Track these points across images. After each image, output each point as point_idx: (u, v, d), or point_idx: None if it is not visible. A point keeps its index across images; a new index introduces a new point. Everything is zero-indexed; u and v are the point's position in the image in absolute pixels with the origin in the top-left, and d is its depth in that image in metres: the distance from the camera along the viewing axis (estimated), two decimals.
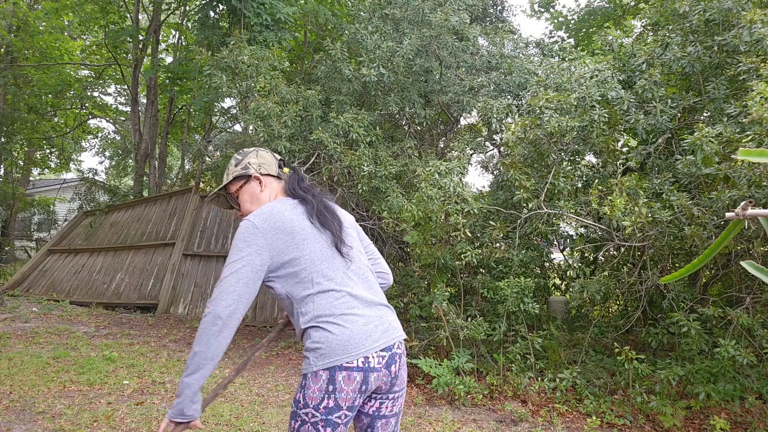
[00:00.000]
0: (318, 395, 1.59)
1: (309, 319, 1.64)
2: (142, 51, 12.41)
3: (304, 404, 1.61)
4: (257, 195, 1.87)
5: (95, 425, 3.70)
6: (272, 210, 1.72)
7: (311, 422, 1.59)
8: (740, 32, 4.29)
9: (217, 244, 9.03)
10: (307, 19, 9.55)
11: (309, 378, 1.60)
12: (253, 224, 1.67)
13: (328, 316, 1.62)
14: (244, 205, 1.88)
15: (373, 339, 1.64)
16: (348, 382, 1.59)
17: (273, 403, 4.35)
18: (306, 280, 1.66)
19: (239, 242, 1.66)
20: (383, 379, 1.67)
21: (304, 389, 1.61)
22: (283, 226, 1.68)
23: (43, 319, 7.31)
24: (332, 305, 1.64)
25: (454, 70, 6.41)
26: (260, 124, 5.65)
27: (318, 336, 1.61)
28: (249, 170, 1.88)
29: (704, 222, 3.93)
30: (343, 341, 1.60)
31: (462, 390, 4.33)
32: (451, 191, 4.72)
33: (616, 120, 4.88)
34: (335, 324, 1.62)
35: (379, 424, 1.74)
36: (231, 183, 1.91)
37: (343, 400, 1.59)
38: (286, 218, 1.70)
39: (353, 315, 1.65)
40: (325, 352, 1.59)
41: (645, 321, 5.04)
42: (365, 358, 1.61)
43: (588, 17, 11.33)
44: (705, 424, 3.88)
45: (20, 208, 14.44)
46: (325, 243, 1.72)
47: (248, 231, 1.66)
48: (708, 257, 1.01)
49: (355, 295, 1.69)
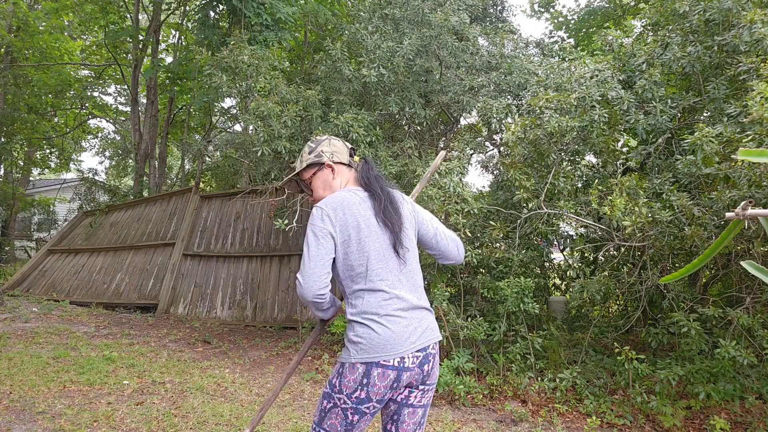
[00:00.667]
0: (352, 385, 1.71)
1: (356, 313, 1.76)
2: (142, 51, 12.41)
3: (339, 390, 1.73)
4: (329, 182, 1.97)
5: (95, 425, 3.70)
6: (343, 200, 1.82)
7: (342, 407, 1.73)
8: (740, 32, 4.29)
9: (217, 244, 9.03)
10: (307, 19, 9.55)
11: (346, 367, 1.73)
12: (324, 212, 1.80)
13: (374, 315, 1.74)
14: (317, 191, 1.99)
15: (411, 341, 1.75)
16: (382, 378, 1.70)
17: (273, 403, 4.35)
18: (361, 276, 1.77)
19: (314, 227, 1.79)
20: (415, 377, 1.78)
21: (341, 377, 1.74)
22: (351, 220, 1.79)
23: (43, 319, 7.31)
24: (380, 305, 1.75)
25: (454, 70, 6.41)
26: (260, 124, 5.65)
27: (362, 331, 1.73)
28: (322, 158, 1.98)
29: (704, 222, 3.93)
30: (384, 341, 1.71)
31: (462, 390, 4.33)
32: (451, 191, 4.72)
33: (616, 120, 4.88)
34: (379, 323, 1.73)
35: (405, 412, 1.84)
36: (305, 170, 2.00)
37: (374, 394, 1.71)
38: (355, 212, 1.81)
39: (397, 317, 1.75)
40: (366, 347, 1.71)
41: (645, 321, 5.04)
42: (401, 358, 1.72)
43: (588, 17, 11.33)
44: (705, 424, 3.88)
45: (20, 208, 14.44)
46: (385, 242, 1.82)
47: (320, 218, 1.79)
48: (708, 257, 1.01)
49: (402, 297, 1.79)
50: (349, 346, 1.75)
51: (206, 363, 5.51)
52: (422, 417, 1.87)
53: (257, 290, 8.26)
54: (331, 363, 5.43)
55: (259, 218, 9.04)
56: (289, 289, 8.10)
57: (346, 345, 1.77)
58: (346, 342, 1.77)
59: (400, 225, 1.86)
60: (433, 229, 2.02)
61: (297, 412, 4.16)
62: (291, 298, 8.00)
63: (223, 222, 9.31)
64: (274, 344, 6.50)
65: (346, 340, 1.78)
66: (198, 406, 4.16)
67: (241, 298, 8.25)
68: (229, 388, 4.70)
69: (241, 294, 8.31)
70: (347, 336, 1.78)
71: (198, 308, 8.32)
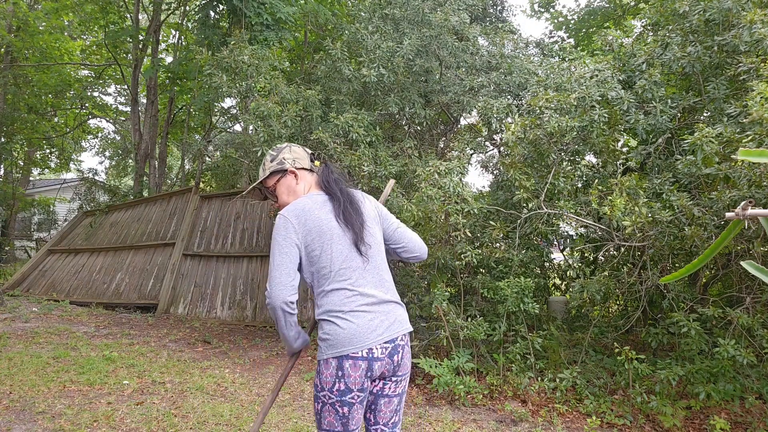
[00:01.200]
0: (330, 380, 1.80)
1: (322, 312, 1.85)
2: (142, 51, 12.41)
3: (321, 388, 1.83)
4: (293, 187, 2.04)
5: (95, 425, 3.70)
6: (303, 207, 1.89)
7: (329, 403, 1.82)
8: (740, 32, 4.29)
9: (217, 244, 9.03)
10: (307, 19, 9.55)
11: (322, 364, 1.83)
12: (287, 220, 1.86)
13: (338, 312, 1.82)
14: (281, 197, 2.05)
15: (378, 333, 1.84)
16: (354, 368, 1.80)
17: (273, 403, 4.35)
18: (326, 277, 1.85)
19: (278, 236, 1.85)
20: (386, 366, 1.87)
21: (320, 374, 1.84)
22: (313, 225, 1.86)
23: (43, 319, 7.31)
24: (343, 302, 1.83)
25: (454, 70, 6.41)
26: (260, 124, 5.65)
27: (328, 328, 1.83)
28: (285, 165, 2.05)
29: (704, 222, 3.92)
30: (349, 335, 1.80)
31: (462, 390, 4.33)
32: (451, 191, 4.72)
33: (616, 120, 4.88)
34: (343, 319, 1.81)
35: (381, 402, 1.95)
36: (268, 177, 2.07)
37: (352, 384, 1.80)
38: (316, 216, 1.88)
39: (361, 312, 1.83)
40: (333, 343, 1.80)
41: (645, 321, 5.04)
42: (369, 349, 1.81)
43: (588, 17, 11.33)
44: (705, 424, 3.88)
45: (20, 208, 14.44)
46: (347, 242, 1.89)
47: (283, 227, 1.86)
48: (708, 257, 1.01)
49: (367, 293, 1.87)
50: (320, 343, 1.84)
51: (206, 363, 5.51)
52: (398, 404, 1.99)
53: (257, 290, 8.26)
54: None
55: (259, 218, 9.04)
56: None
57: (318, 343, 1.85)
58: (318, 341, 1.86)
59: (362, 223, 1.93)
60: (395, 224, 2.11)
61: (297, 412, 4.16)
62: None
63: (223, 222, 9.31)
64: (274, 344, 6.50)
65: (318, 339, 1.86)
66: (198, 406, 4.16)
67: (241, 298, 8.25)
68: (229, 388, 4.70)
69: (241, 294, 8.31)
70: (318, 335, 1.86)
71: (198, 308, 8.32)
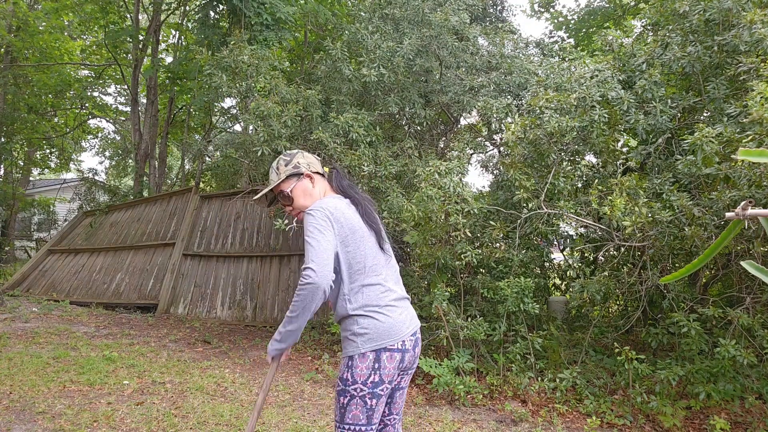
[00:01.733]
0: (365, 372, 1.88)
1: (357, 307, 1.92)
2: (142, 51, 12.40)
3: (352, 381, 1.88)
4: (309, 190, 2.10)
5: (95, 425, 3.70)
6: (336, 205, 1.96)
7: (359, 396, 1.88)
8: (740, 32, 4.29)
9: (217, 244, 9.03)
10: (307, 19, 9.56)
11: (356, 358, 1.88)
12: (323, 213, 1.89)
13: (375, 307, 1.92)
14: (297, 200, 2.10)
15: (406, 326, 1.97)
16: (390, 360, 1.90)
17: (273, 403, 4.35)
18: (359, 272, 1.93)
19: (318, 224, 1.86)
20: (410, 358, 1.99)
21: (352, 368, 1.89)
22: (347, 223, 1.93)
23: (43, 319, 7.31)
24: (378, 297, 1.94)
25: (454, 70, 6.41)
26: (260, 124, 5.65)
27: (366, 323, 1.90)
28: (300, 169, 2.11)
29: (704, 222, 3.93)
30: (387, 328, 1.91)
31: (462, 390, 4.33)
32: (451, 191, 4.72)
33: (616, 120, 4.88)
34: (381, 314, 1.92)
35: (397, 394, 2.08)
36: (284, 181, 2.11)
37: (386, 376, 1.90)
38: (348, 216, 1.96)
39: (393, 307, 1.96)
40: (373, 336, 1.89)
41: (645, 321, 5.04)
42: (402, 341, 1.93)
43: (588, 17, 11.33)
44: (705, 424, 3.88)
45: (20, 208, 14.44)
46: (373, 241, 2.01)
47: (323, 217, 1.88)
48: (708, 257, 1.01)
49: (393, 289, 2.00)
50: (354, 338, 1.90)
51: (206, 363, 5.51)
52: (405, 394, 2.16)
53: (257, 290, 8.26)
54: (331, 363, 5.43)
55: (259, 218, 9.04)
56: (289, 289, 8.10)
57: (350, 338, 1.91)
58: (350, 336, 1.91)
59: (380, 225, 2.08)
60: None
61: (297, 412, 4.16)
62: (291, 298, 7.99)
63: (223, 222, 9.31)
64: None
65: (348, 335, 1.92)
66: (198, 406, 4.16)
67: (241, 298, 8.25)
68: (229, 388, 4.70)
69: (241, 294, 8.31)
70: (350, 330, 1.91)
71: (198, 308, 8.32)
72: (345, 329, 1.94)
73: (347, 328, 1.93)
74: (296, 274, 8.14)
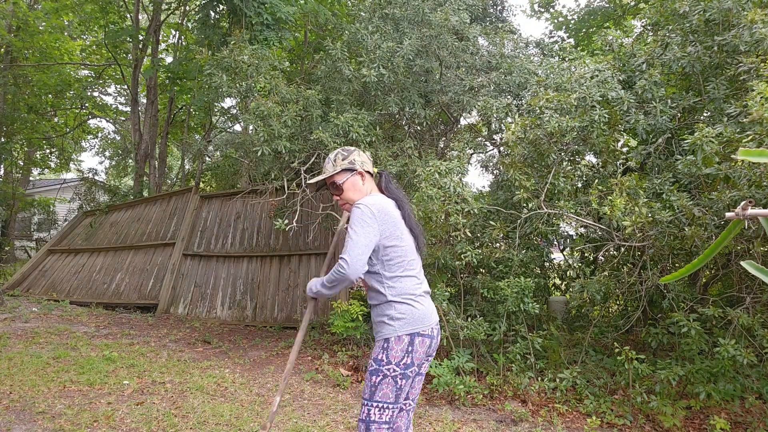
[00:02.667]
0: (400, 354, 2.10)
1: (396, 294, 2.15)
2: (142, 51, 12.40)
3: (387, 362, 2.10)
4: (359, 186, 2.33)
5: (95, 425, 3.70)
6: (383, 201, 2.21)
7: (392, 376, 2.10)
8: (740, 32, 4.29)
9: (217, 244, 9.03)
10: (307, 19, 9.56)
11: (392, 341, 2.11)
12: (370, 210, 2.13)
13: (412, 295, 2.16)
14: (347, 193, 2.32)
15: (434, 315, 2.22)
16: (422, 345, 2.14)
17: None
18: (400, 264, 2.17)
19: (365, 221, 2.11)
20: (435, 345, 2.22)
21: (387, 350, 2.11)
22: (391, 220, 2.18)
23: (43, 319, 7.31)
24: (414, 287, 2.19)
25: (454, 70, 6.41)
26: (260, 124, 5.65)
27: (403, 309, 2.13)
28: (355, 165, 2.32)
29: (704, 222, 3.92)
30: (421, 314, 2.15)
31: (462, 390, 4.33)
32: (451, 191, 4.72)
33: (616, 120, 4.88)
34: (416, 302, 2.16)
35: (417, 380, 2.28)
36: (338, 173, 2.32)
37: (417, 359, 2.13)
38: (393, 214, 2.21)
39: (424, 297, 2.22)
40: (410, 320, 2.12)
41: (645, 321, 5.04)
42: (431, 328, 2.18)
43: (588, 17, 11.33)
44: (705, 424, 3.88)
45: (20, 208, 14.43)
46: (412, 240, 2.28)
47: (367, 214, 2.12)
48: (708, 257, 1.01)
49: (424, 283, 2.28)
50: (391, 322, 2.12)
51: (206, 363, 5.51)
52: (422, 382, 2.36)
53: (257, 290, 8.26)
54: (331, 363, 5.42)
55: (259, 218, 9.03)
56: (289, 289, 8.10)
57: (387, 322, 2.13)
58: (387, 320, 2.13)
59: (420, 230, 2.35)
60: None
61: (297, 412, 4.16)
62: (291, 298, 7.99)
63: (223, 222, 9.31)
64: (274, 344, 6.50)
65: (386, 319, 2.14)
66: (198, 406, 4.16)
67: (241, 298, 8.25)
68: (229, 388, 4.70)
69: (241, 294, 8.31)
70: (387, 315, 2.14)
71: (198, 308, 8.32)
72: (381, 314, 2.16)
73: (384, 313, 2.15)
74: (296, 273, 8.14)
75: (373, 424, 2.12)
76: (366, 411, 2.13)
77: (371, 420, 2.12)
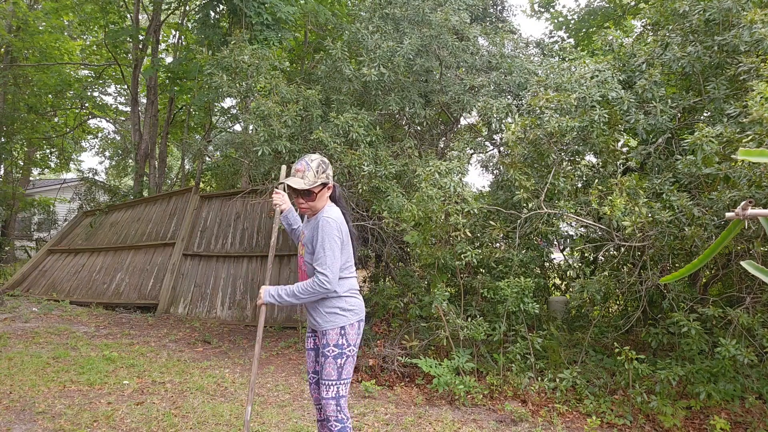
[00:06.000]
0: (356, 337, 2.59)
1: (346, 289, 2.58)
2: (142, 51, 12.40)
3: (347, 344, 2.56)
4: (326, 197, 2.64)
5: (95, 425, 3.70)
6: (340, 215, 2.58)
7: (351, 355, 2.58)
8: (740, 32, 4.29)
9: (217, 244, 9.03)
10: (307, 18, 9.56)
11: (347, 327, 2.55)
12: (338, 225, 2.51)
13: (356, 290, 2.65)
14: (318, 203, 2.60)
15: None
16: (360, 328, 2.64)
17: (273, 403, 4.35)
18: (347, 267, 2.61)
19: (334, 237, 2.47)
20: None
21: (345, 335, 2.55)
22: (346, 231, 2.59)
23: (43, 319, 7.31)
24: (356, 283, 2.67)
25: (454, 70, 6.41)
26: (260, 124, 5.65)
27: (353, 301, 2.60)
28: (329, 180, 2.62)
29: (704, 222, 3.92)
30: (361, 306, 2.67)
31: (462, 390, 4.33)
32: (451, 191, 4.72)
33: (616, 120, 4.87)
34: (359, 295, 2.67)
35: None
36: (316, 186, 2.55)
37: (359, 339, 2.64)
38: (347, 226, 2.61)
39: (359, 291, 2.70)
40: (357, 311, 2.61)
41: (645, 321, 5.04)
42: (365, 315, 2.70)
43: (588, 17, 11.33)
44: (705, 424, 3.88)
45: (20, 208, 14.43)
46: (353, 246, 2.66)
47: (335, 229, 2.49)
48: (708, 257, 1.01)
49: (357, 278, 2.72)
50: (344, 313, 2.55)
51: (206, 363, 5.51)
52: None
53: (257, 290, 8.25)
54: None
55: (259, 218, 9.03)
56: None
57: (340, 313, 2.54)
58: (339, 311, 2.54)
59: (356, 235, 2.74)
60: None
61: (297, 412, 4.16)
62: None
63: (223, 222, 9.31)
64: (274, 344, 6.50)
65: (338, 311, 2.54)
66: (198, 406, 4.16)
67: (241, 298, 8.25)
68: (229, 388, 4.70)
69: (241, 294, 8.31)
70: (339, 306, 2.55)
71: (198, 308, 8.32)
72: (332, 306, 2.54)
73: (336, 305, 2.54)
74: (296, 273, 8.12)
75: (342, 398, 2.55)
76: (335, 389, 2.54)
77: (340, 395, 2.55)
